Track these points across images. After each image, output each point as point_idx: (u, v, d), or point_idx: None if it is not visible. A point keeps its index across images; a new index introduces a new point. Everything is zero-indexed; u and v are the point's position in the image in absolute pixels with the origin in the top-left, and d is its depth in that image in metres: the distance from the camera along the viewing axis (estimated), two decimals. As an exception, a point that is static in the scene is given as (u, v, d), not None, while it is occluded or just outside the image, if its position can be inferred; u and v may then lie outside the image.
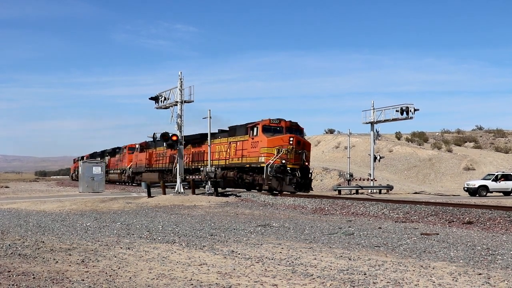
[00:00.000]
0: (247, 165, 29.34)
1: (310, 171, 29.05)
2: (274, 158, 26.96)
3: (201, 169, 32.20)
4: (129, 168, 52.88)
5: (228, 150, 31.65)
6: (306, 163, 28.35)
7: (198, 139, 35.84)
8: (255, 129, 28.92)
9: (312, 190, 29.24)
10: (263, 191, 27.87)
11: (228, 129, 32.96)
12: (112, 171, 61.71)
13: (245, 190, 30.18)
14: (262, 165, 27.52)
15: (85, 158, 72.58)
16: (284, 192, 26.71)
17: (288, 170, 27.24)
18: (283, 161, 27.08)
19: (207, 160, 30.93)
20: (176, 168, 31.17)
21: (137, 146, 50.92)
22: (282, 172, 27.05)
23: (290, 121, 29.07)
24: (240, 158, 30.00)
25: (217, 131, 34.01)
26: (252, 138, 28.94)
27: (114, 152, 63.00)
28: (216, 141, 33.28)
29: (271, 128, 28.54)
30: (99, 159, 70.60)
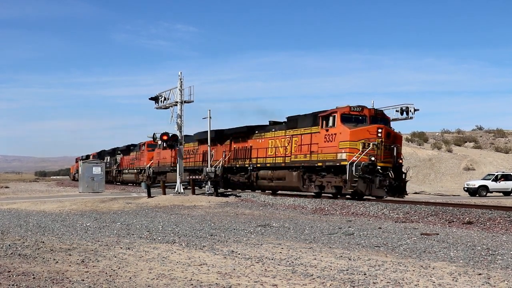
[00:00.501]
0: (319, 164, 23.66)
1: (405, 171, 23.10)
2: (360, 154, 21.58)
3: (248, 168, 29.04)
4: (149, 167, 45.93)
5: (288, 145, 26.09)
6: (400, 161, 22.97)
7: (243, 133, 30.87)
8: (330, 118, 23.34)
9: (407, 194, 23.62)
10: (347, 195, 23.35)
11: (286, 120, 27.59)
12: (127, 171, 55.63)
13: (313, 194, 25.42)
14: (343, 163, 22.06)
15: (91, 157, 67.51)
16: (373, 196, 22.08)
17: (379, 169, 21.77)
18: (372, 158, 21.67)
19: (255, 158, 28.29)
20: (211, 167, 30.12)
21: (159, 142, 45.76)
22: (371, 172, 21.53)
23: (374, 109, 23.85)
24: (308, 155, 24.35)
25: (267, 123, 29.59)
26: (326, 130, 23.32)
27: (128, 149, 56.51)
28: (267, 135, 28.46)
29: (352, 117, 23.05)
30: (108, 158, 63.50)
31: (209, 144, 30.55)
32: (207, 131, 31.05)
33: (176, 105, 28.59)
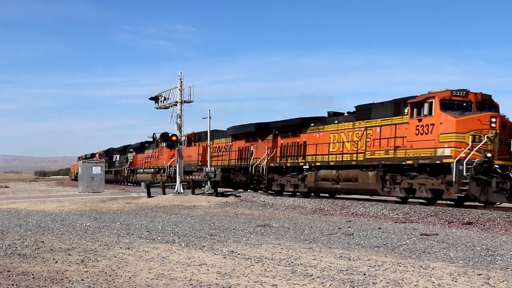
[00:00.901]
0: (408, 161, 19.23)
1: None
2: (470, 149, 17.32)
3: (304, 167, 24.91)
4: (170, 166, 40.68)
5: (360, 140, 21.79)
6: None
7: (293, 126, 26.21)
8: (425, 105, 18.79)
9: None
10: (449, 200, 19.23)
11: (354, 109, 23.08)
12: (141, 170, 50.23)
13: (396, 199, 21.30)
14: (446, 160, 17.76)
15: (97, 155, 64.61)
16: (489, 202, 17.80)
17: (496, 168, 17.35)
18: (488, 155, 17.32)
19: (312, 155, 24.46)
20: (253, 166, 28.11)
21: (183, 138, 37.45)
22: (486, 171, 17.17)
23: (481, 93, 18.96)
24: (391, 151, 20.07)
25: (326, 115, 25.27)
26: (419, 120, 18.91)
27: (142, 147, 51.52)
28: (327, 128, 24.15)
29: (454, 103, 18.55)
30: (117, 156, 60.25)
31: (208, 144, 30.52)
32: (247, 124, 30.24)
33: (176, 105, 28.62)
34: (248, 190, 30.50)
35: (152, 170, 46.25)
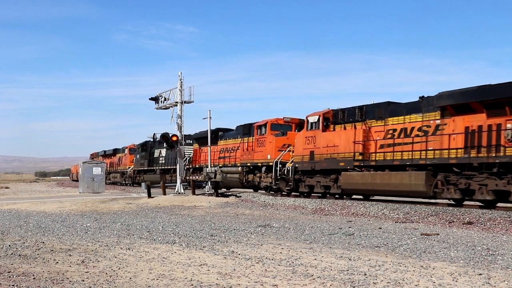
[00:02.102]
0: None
1: None
2: None
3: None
4: (278, 162, 26.66)
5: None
6: None
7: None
8: None
9: None
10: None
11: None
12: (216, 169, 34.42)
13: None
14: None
15: (126, 150, 55.35)
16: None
17: None
18: None
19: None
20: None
21: (313, 118, 24.06)
22: None
23: None
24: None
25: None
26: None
27: (213, 137, 32.97)
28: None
29: None
30: (161, 151, 42.26)
31: (209, 144, 30.51)
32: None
33: (176, 105, 28.66)
34: (259, 191, 28.52)
35: (239, 168, 30.40)
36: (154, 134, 29.49)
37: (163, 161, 42.01)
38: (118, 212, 19.06)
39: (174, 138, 27.97)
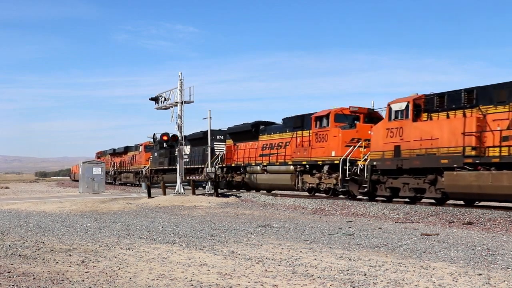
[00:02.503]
0: None
1: None
2: None
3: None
4: (350, 161, 22.46)
5: None
6: None
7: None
8: None
9: None
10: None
11: None
12: (260, 168, 28.18)
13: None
14: None
15: (141, 148, 49.23)
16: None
17: None
18: None
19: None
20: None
21: (399, 105, 19.53)
22: None
23: None
24: None
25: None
26: None
27: (252, 131, 29.12)
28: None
29: None
30: (188, 148, 36.24)
31: (209, 143, 30.50)
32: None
33: (176, 105, 28.65)
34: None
35: (290, 167, 25.59)
36: (154, 134, 29.45)
37: (187, 159, 36.22)
38: (118, 212, 19.06)
39: (174, 138, 28.01)
